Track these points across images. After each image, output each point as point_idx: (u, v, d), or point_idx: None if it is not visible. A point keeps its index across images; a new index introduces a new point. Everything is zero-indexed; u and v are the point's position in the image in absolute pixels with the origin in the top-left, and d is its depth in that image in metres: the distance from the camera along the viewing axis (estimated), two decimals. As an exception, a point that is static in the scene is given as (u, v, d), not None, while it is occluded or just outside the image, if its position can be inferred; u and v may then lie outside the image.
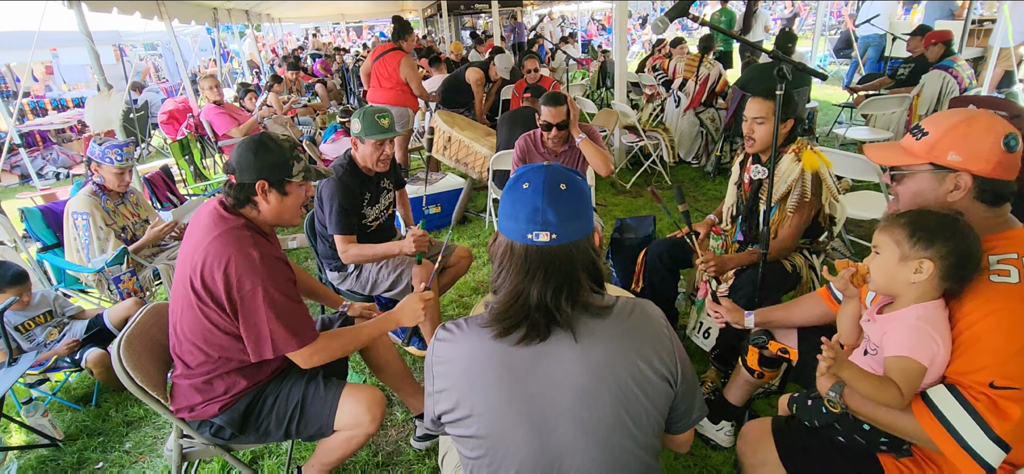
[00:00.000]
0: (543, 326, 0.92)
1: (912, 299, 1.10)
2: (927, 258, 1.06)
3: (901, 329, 1.09)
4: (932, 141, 1.13)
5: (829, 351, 1.11)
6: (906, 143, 1.19)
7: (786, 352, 1.56)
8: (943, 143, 1.12)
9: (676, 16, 1.72)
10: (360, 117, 2.25)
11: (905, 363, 1.06)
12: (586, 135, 2.67)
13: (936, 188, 1.14)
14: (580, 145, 2.66)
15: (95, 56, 4.25)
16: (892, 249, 1.11)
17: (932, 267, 1.06)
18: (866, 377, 1.11)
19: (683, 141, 5.36)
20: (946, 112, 1.17)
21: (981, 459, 1.00)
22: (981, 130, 1.09)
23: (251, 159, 1.45)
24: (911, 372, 1.06)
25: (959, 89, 4.29)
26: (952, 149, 1.11)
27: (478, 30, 15.58)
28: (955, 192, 1.12)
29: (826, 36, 12.00)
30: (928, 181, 1.15)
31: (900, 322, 1.10)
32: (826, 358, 1.11)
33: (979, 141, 1.09)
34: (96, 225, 2.70)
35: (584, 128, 2.72)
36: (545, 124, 2.66)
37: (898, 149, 1.21)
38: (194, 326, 1.44)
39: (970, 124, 1.10)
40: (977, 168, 1.09)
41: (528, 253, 0.93)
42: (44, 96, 9.70)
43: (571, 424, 0.91)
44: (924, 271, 1.06)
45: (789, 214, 2.02)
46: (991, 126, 1.09)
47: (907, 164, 1.18)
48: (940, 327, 1.06)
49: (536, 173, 0.95)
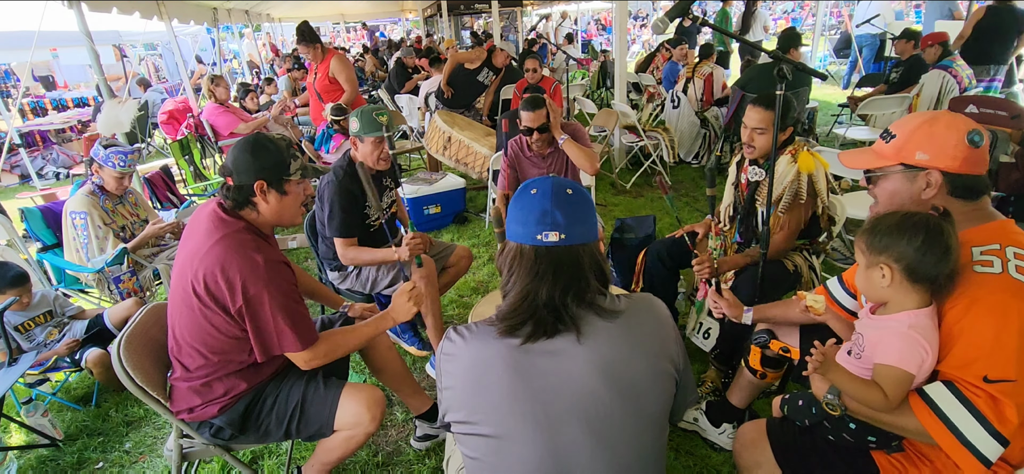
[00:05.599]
0: (550, 324, 0.93)
1: (900, 305, 1.12)
2: (884, 263, 1.10)
3: (892, 337, 1.11)
4: (900, 143, 1.19)
5: (817, 354, 1.14)
6: (877, 147, 1.25)
7: (788, 351, 1.56)
8: (910, 144, 1.18)
9: (676, 16, 1.72)
10: (358, 116, 2.25)
11: (893, 372, 1.09)
12: (569, 135, 2.66)
13: (909, 187, 1.19)
14: (563, 146, 2.64)
15: (95, 56, 4.25)
16: (860, 259, 1.16)
17: (891, 272, 1.09)
18: (852, 380, 1.14)
19: (683, 141, 5.36)
20: (911, 115, 1.24)
21: (979, 454, 1.01)
22: (944, 128, 1.15)
23: (248, 160, 1.44)
24: (899, 380, 1.08)
25: (959, 89, 4.29)
26: (919, 149, 1.17)
27: (478, 30, 15.58)
28: (928, 190, 1.17)
29: (826, 36, 12.00)
30: (901, 181, 1.20)
31: (892, 330, 1.11)
32: (814, 360, 1.14)
33: (943, 139, 1.14)
34: (94, 224, 2.70)
35: (567, 128, 2.71)
36: (526, 129, 2.65)
37: (870, 153, 1.27)
38: (194, 329, 1.43)
39: (933, 124, 1.16)
40: (945, 164, 1.14)
41: (537, 254, 0.95)
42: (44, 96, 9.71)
43: (578, 424, 0.91)
44: (888, 276, 1.10)
45: (781, 215, 2.03)
46: (953, 124, 1.14)
47: (879, 166, 1.23)
48: (929, 335, 1.08)
49: (543, 181, 0.99)
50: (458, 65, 5.44)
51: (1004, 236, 1.10)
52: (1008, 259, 1.06)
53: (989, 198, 1.19)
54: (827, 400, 1.18)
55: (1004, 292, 1.03)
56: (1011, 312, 1.01)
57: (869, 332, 1.17)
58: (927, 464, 1.16)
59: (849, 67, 8.60)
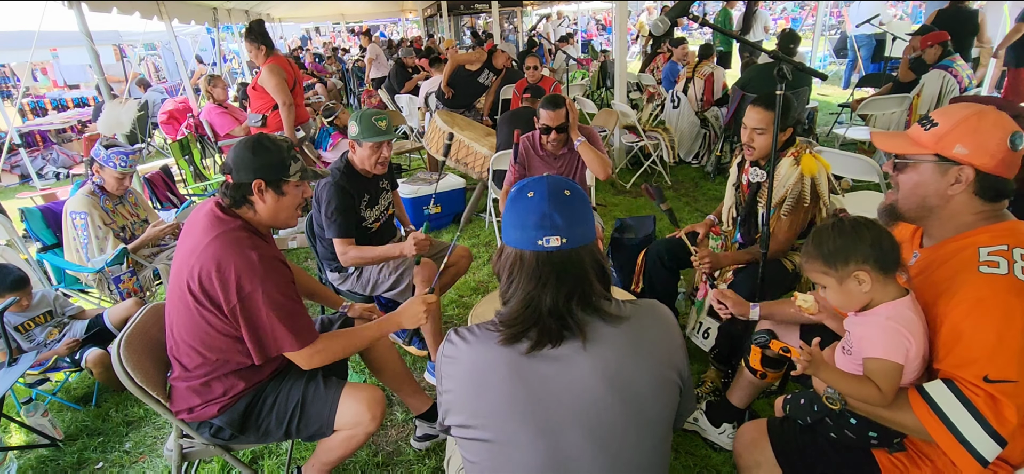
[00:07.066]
0: (556, 332, 0.91)
1: (879, 301, 1.14)
2: (855, 271, 1.11)
3: (874, 331, 1.12)
4: (941, 132, 1.13)
5: (805, 353, 1.15)
6: (914, 133, 1.19)
7: (788, 351, 1.56)
8: (952, 135, 1.11)
9: (677, 16, 1.72)
10: (357, 120, 2.25)
11: (881, 364, 1.10)
12: (585, 138, 2.67)
13: (937, 180, 1.14)
14: (579, 148, 2.65)
15: (95, 56, 4.25)
16: (827, 280, 1.16)
17: (866, 273, 1.10)
18: (843, 377, 1.16)
19: (683, 141, 5.36)
20: (957, 105, 1.17)
21: (977, 453, 1.02)
22: (991, 125, 1.10)
23: (248, 158, 1.45)
24: (888, 371, 1.10)
25: (959, 89, 4.28)
26: (960, 142, 1.10)
27: (478, 30, 15.58)
28: (956, 186, 1.13)
29: (826, 36, 12.00)
30: (931, 172, 1.15)
31: (872, 324, 1.14)
32: (802, 361, 1.15)
33: (988, 136, 1.09)
34: (94, 224, 2.70)
35: (583, 131, 2.71)
36: (544, 127, 2.66)
37: (906, 138, 1.20)
38: (191, 329, 1.43)
39: (981, 118, 1.10)
40: (982, 163, 1.09)
41: (539, 259, 0.92)
42: (44, 96, 9.71)
43: (580, 431, 0.90)
44: (864, 280, 1.11)
45: (784, 217, 2.03)
46: (1000, 122, 1.10)
47: (913, 153, 1.17)
48: (909, 323, 1.09)
49: (538, 182, 0.96)
50: (459, 66, 5.45)
51: (1013, 237, 1.09)
52: (1015, 260, 1.04)
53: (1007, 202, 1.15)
54: (827, 394, 1.19)
55: (1008, 293, 1.02)
56: (1015, 313, 1.00)
57: (855, 329, 1.19)
58: (928, 463, 1.16)
59: (848, 67, 8.60)
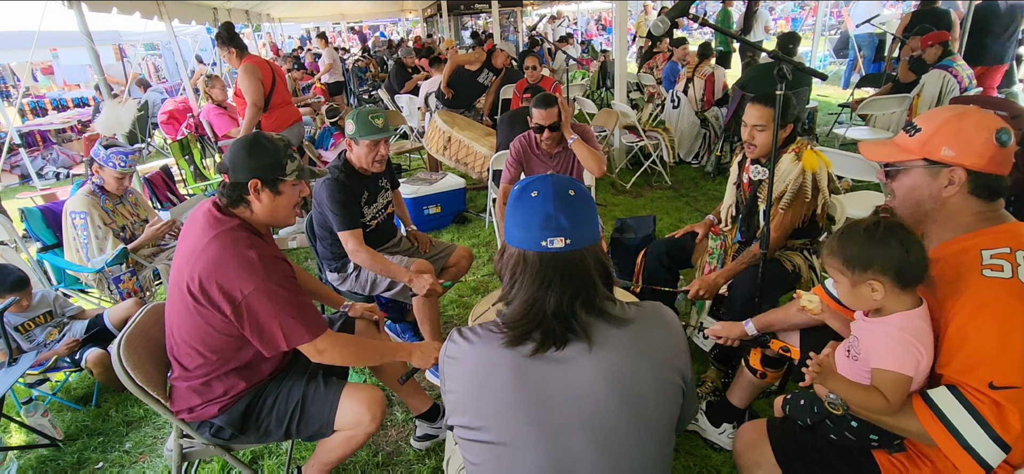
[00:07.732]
0: (560, 334, 0.90)
1: (892, 309, 1.11)
2: (872, 279, 1.09)
3: (886, 340, 1.10)
4: (925, 137, 1.14)
5: (814, 364, 1.14)
6: (900, 140, 1.20)
7: (788, 351, 1.56)
8: (936, 139, 1.12)
9: (676, 15, 1.72)
10: (354, 118, 2.26)
11: (890, 376, 1.08)
12: (579, 136, 2.68)
13: (930, 183, 1.15)
14: (572, 146, 2.67)
15: (95, 56, 4.25)
16: (841, 278, 1.14)
17: (881, 284, 1.08)
18: (852, 387, 1.14)
19: (683, 141, 5.36)
20: (938, 109, 1.18)
21: (981, 459, 1.01)
22: (973, 125, 1.10)
23: (244, 158, 1.45)
24: (897, 383, 1.08)
25: (959, 89, 4.28)
26: (945, 144, 1.11)
27: (478, 30, 15.58)
28: (949, 187, 1.13)
29: (826, 36, 12.00)
30: (922, 176, 1.15)
31: (885, 332, 1.11)
32: (811, 372, 1.14)
33: (972, 136, 1.09)
34: (94, 224, 2.70)
35: (577, 129, 2.72)
36: (537, 126, 2.67)
37: (892, 145, 1.21)
38: (191, 329, 1.43)
39: (962, 119, 1.11)
40: (970, 162, 1.10)
41: (543, 261, 0.91)
42: (44, 96, 9.71)
43: (582, 433, 0.90)
44: (878, 289, 1.09)
45: (781, 211, 2.04)
46: (983, 121, 1.10)
47: (901, 160, 1.18)
48: (922, 335, 1.08)
49: (542, 181, 0.94)
50: (458, 67, 5.45)
51: (1015, 240, 1.08)
52: (1018, 264, 1.04)
53: (1003, 200, 1.15)
54: (830, 399, 1.18)
55: (1012, 297, 1.01)
56: (1018, 318, 1.00)
57: (864, 336, 1.17)
58: (928, 464, 1.16)
59: (848, 67, 8.60)
